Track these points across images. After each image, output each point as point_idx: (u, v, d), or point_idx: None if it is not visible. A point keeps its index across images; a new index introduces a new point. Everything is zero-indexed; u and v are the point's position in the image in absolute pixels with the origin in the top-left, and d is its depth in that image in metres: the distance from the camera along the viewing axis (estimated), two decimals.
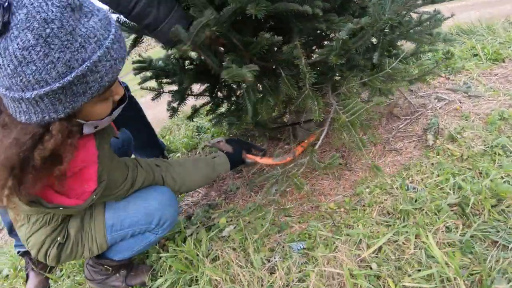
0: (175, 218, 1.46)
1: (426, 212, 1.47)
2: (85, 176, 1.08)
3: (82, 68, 0.82)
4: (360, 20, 1.26)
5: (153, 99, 1.94)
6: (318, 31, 1.60)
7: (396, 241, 1.39)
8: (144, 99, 4.79)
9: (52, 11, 0.77)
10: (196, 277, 1.51)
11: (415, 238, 1.37)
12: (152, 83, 1.96)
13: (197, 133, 2.94)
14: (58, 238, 1.27)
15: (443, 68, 2.62)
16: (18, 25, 0.76)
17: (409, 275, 1.26)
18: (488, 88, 2.29)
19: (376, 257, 1.36)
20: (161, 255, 1.63)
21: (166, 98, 1.98)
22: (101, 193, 1.18)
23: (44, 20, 0.76)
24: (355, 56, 1.53)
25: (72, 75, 0.82)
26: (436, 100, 2.25)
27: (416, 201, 1.54)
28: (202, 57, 1.53)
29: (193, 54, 1.97)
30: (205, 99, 2.02)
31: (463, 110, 2.11)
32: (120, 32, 0.93)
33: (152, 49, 13.20)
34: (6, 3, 0.75)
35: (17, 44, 0.76)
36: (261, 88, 1.61)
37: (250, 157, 1.69)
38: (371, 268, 1.32)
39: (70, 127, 0.93)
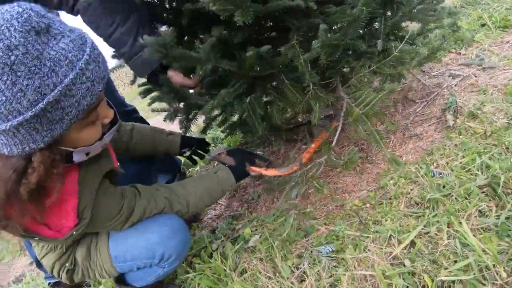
0: (183, 250, 1.36)
1: (455, 198, 1.41)
2: (63, 209, 1.01)
3: (54, 94, 0.79)
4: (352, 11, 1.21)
5: (165, 119, 1.93)
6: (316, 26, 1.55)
7: (428, 233, 1.33)
8: (156, 119, 4.81)
9: (15, 37, 0.74)
10: None
11: (448, 227, 1.31)
12: (162, 104, 1.95)
13: (213, 145, 2.92)
14: (67, 264, 1.27)
15: (453, 41, 2.52)
16: None
17: (445, 268, 1.20)
18: (502, 57, 2.18)
19: (409, 252, 1.31)
20: (189, 275, 1.60)
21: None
22: (84, 228, 1.09)
23: (8, 47, 0.73)
24: (360, 43, 1.48)
25: (44, 102, 0.78)
26: (450, 77, 2.16)
27: (443, 187, 1.47)
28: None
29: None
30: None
31: (480, 84, 2.02)
32: (98, 52, 0.90)
33: None
34: None
35: None
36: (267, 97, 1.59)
37: (254, 170, 1.58)
38: (404, 265, 1.26)
39: (53, 156, 0.89)
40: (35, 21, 0.77)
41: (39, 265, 1.77)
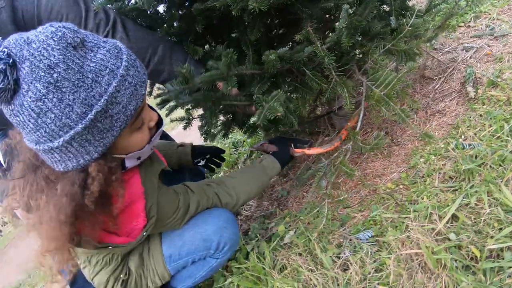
0: (235, 241, 1.39)
1: (490, 166, 1.38)
2: (133, 212, 1.05)
3: (101, 103, 0.81)
4: None
5: (184, 127, 1.94)
6: (328, 15, 1.55)
7: (468, 204, 1.30)
8: (175, 132, 4.84)
9: (54, 56, 0.76)
10: None
11: (488, 196, 1.28)
12: (179, 113, 1.96)
13: (234, 149, 2.92)
14: (121, 276, 1.29)
15: (465, 9, 2.49)
16: (26, 79, 0.75)
17: (492, 237, 1.17)
18: None
19: (452, 226, 1.28)
20: (226, 278, 1.59)
21: (197, 124, 1.97)
22: (152, 228, 1.15)
23: (49, 66, 0.75)
24: (376, 23, 1.47)
25: (93, 113, 0.80)
26: (464, 51, 2.13)
27: (476, 157, 1.45)
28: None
29: None
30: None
31: (494, 53, 1.99)
32: (134, 57, 0.92)
33: None
34: (11, 60, 0.74)
35: (30, 98, 0.76)
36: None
37: (297, 151, 1.61)
38: (449, 240, 1.24)
39: (109, 164, 0.91)
40: (70, 37, 0.78)
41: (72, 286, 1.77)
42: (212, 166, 1.87)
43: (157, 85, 1.83)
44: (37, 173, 0.91)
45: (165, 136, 2.13)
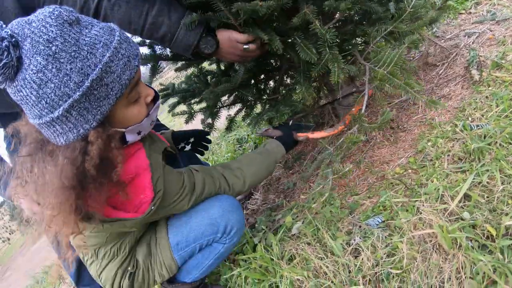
0: (242, 225, 1.37)
1: (500, 144, 1.35)
2: (140, 185, 1.06)
3: (96, 72, 0.86)
4: None
5: (186, 121, 1.92)
6: None
7: (480, 182, 1.27)
8: (176, 128, 4.81)
9: (52, 31, 0.82)
10: (276, 282, 1.42)
11: (500, 174, 1.25)
12: (181, 107, 1.95)
13: (238, 145, 2.90)
14: (129, 268, 1.28)
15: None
16: (28, 54, 0.82)
17: (507, 214, 1.14)
18: None
19: (465, 205, 1.25)
20: (233, 271, 1.56)
21: (199, 118, 1.95)
22: (159, 204, 1.13)
23: (47, 40, 0.82)
24: (377, 6, 1.45)
25: (89, 80, 0.85)
26: (466, 36, 2.11)
27: (485, 137, 1.42)
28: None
29: (213, 67, 1.95)
30: (237, 106, 1.98)
31: (497, 37, 1.98)
32: (126, 35, 0.97)
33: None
34: (14, 40, 0.81)
35: (32, 70, 0.82)
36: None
37: (301, 135, 1.61)
38: (463, 219, 1.21)
39: (108, 133, 0.95)
40: (65, 15, 0.85)
41: (77, 284, 1.75)
42: (200, 149, 1.82)
43: (159, 81, 1.82)
44: (43, 149, 0.94)
45: (160, 126, 2.10)
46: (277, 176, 2.16)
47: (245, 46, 1.42)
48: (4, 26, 0.84)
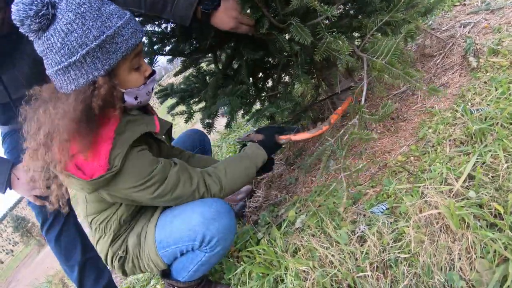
0: (226, 235, 1.30)
1: (501, 125, 1.34)
2: (98, 150, 1.14)
3: (111, 31, 1.07)
4: None
5: (186, 121, 1.91)
6: None
7: (484, 162, 1.26)
8: (177, 128, 4.79)
9: None
10: (280, 276, 1.39)
11: (503, 152, 1.24)
12: (180, 107, 1.95)
13: (239, 146, 2.88)
14: (119, 252, 1.35)
15: None
16: (62, 11, 1.03)
17: None
18: None
19: (470, 185, 1.23)
20: (237, 268, 1.54)
21: (198, 118, 1.95)
22: (113, 180, 1.16)
23: (78, 3, 1.04)
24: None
25: (104, 36, 1.06)
26: (462, 27, 2.12)
27: (486, 119, 1.41)
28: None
29: (212, 67, 1.95)
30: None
31: (492, 25, 1.98)
32: (135, 18, 1.18)
33: None
34: (53, 0, 1.03)
35: (62, 22, 1.02)
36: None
37: (283, 137, 1.54)
38: (468, 199, 1.19)
39: (112, 83, 1.13)
40: None
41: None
42: None
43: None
44: (53, 98, 1.13)
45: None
46: (279, 173, 2.14)
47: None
48: None
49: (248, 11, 1.47)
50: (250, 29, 1.50)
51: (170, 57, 1.82)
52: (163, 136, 1.38)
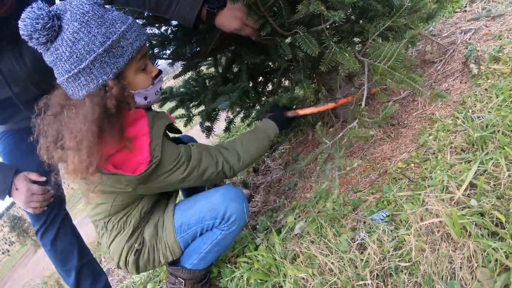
0: (242, 214, 1.42)
1: (503, 133, 1.33)
2: (139, 146, 1.21)
3: (116, 36, 1.13)
4: None
5: (185, 125, 1.91)
6: None
7: (486, 170, 1.25)
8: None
9: (86, 7, 1.11)
10: (279, 282, 1.38)
11: (505, 160, 1.23)
12: (180, 111, 1.94)
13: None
14: (135, 245, 1.40)
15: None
16: (67, 22, 1.09)
17: None
18: (508, 4, 2.16)
19: (471, 193, 1.22)
20: (235, 273, 1.53)
21: (197, 122, 1.94)
22: (154, 169, 1.25)
23: (82, 13, 1.10)
24: (375, 4, 1.45)
25: (110, 41, 1.12)
26: (462, 33, 2.12)
27: (487, 126, 1.40)
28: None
29: (212, 70, 1.95)
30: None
31: (493, 32, 1.98)
32: (137, 22, 1.23)
33: None
34: (58, 12, 1.09)
35: (69, 32, 1.08)
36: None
37: (291, 112, 1.67)
38: (470, 208, 1.18)
39: (122, 84, 1.17)
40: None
41: None
42: None
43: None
44: (66, 107, 1.16)
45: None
46: (278, 178, 2.13)
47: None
48: (47, 5, 1.08)
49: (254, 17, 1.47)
50: (254, 32, 1.50)
51: (170, 60, 1.81)
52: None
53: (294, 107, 1.69)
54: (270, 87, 2.08)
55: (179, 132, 1.55)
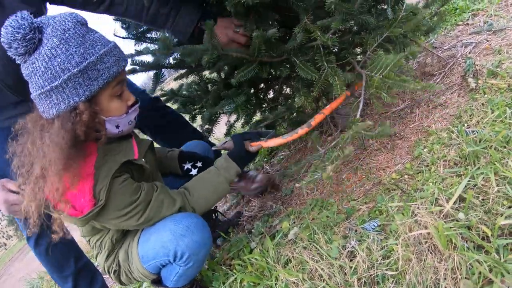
0: (196, 250, 1.31)
1: (495, 148, 1.36)
2: (82, 188, 1.17)
3: (93, 58, 1.10)
4: None
5: None
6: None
7: (476, 185, 1.28)
8: None
9: (68, 24, 1.09)
10: (271, 286, 1.41)
11: (495, 175, 1.26)
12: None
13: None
14: (113, 265, 1.42)
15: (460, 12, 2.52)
16: (47, 36, 1.07)
17: (502, 215, 1.14)
18: (510, 19, 2.18)
19: (460, 207, 1.25)
20: (229, 276, 1.56)
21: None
22: (101, 212, 1.20)
23: (63, 29, 1.08)
24: (370, 18, 1.48)
25: (86, 63, 1.09)
26: (463, 47, 2.14)
27: (480, 141, 1.43)
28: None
29: (214, 76, 1.99)
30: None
31: (493, 46, 2.01)
32: (119, 47, 1.23)
33: None
34: (40, 26, 1.07)
35: (47, 46, 1.06)
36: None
37: (253, 145, 1.50)
38: (457, 221, 1.20)
39: (93, 109, 1.15)
40: (80, 18, 1.13)
41: None
42: None
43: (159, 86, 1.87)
44: (36, 128, 1.15)
45: (171, 112, 2.09)
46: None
47: (236, 29, 1.51)
48: (31, 16, 1.06)
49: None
50: (243, 40, 1.55)
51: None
52: (143, 160, 1.35)
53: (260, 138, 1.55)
54: (271, 93, 2.11)
55: (154, 157, 1.51)
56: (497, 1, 2.41)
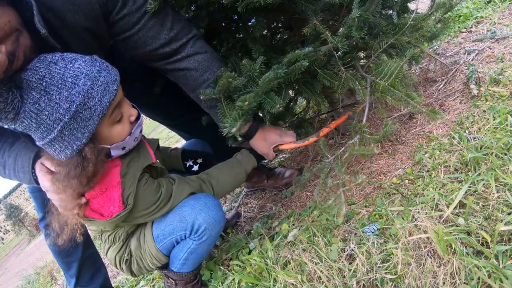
0: (211, 224, 1.39)
1: (496, 155, 1.36)
2: (111, 197, 1.22)
3: (80, 98, 1.04)
4: None
5: None
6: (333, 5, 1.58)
7: (476, 191, 1.28)
8: (180, 143, 4.82)
9: (41, 71, 1.03)
10: (270, 287, 1.41)
11: (495, 182, 1.26)
12: None
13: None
14: (125, 255, 1.47)
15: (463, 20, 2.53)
16: (26, 91, 1.03)
17: (501, 221, 1.14)
18: None
19: (460, 212, 1.25)
20: (227, 276, 1.56)
21: None
22: (129, 214, 1.27)
23: (38, 79, 1.03)
24: (381, 20, 1.49)
25: (75, 106, 1.04)
26: (466, 54, 2.15)
27: (481, 148, 1.43)
28: None
29: None
30: None
31: (496, 54, 2.02)
32: (107, 64, 1.14)
33: None
34: (15, 83, 1.03)
35: (29, 103, 1.02)
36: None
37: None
38: (457, 226, 1.21)
39: (97, 148, 1.14)
40: (49, 58, 1.07)
41: None
42: None
43: None
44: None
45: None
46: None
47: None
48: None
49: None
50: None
51: None
52: (158, 161, 1.43)
53: None
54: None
55: (160, 155, 1.59)
56: (500, 9, 2.42)
